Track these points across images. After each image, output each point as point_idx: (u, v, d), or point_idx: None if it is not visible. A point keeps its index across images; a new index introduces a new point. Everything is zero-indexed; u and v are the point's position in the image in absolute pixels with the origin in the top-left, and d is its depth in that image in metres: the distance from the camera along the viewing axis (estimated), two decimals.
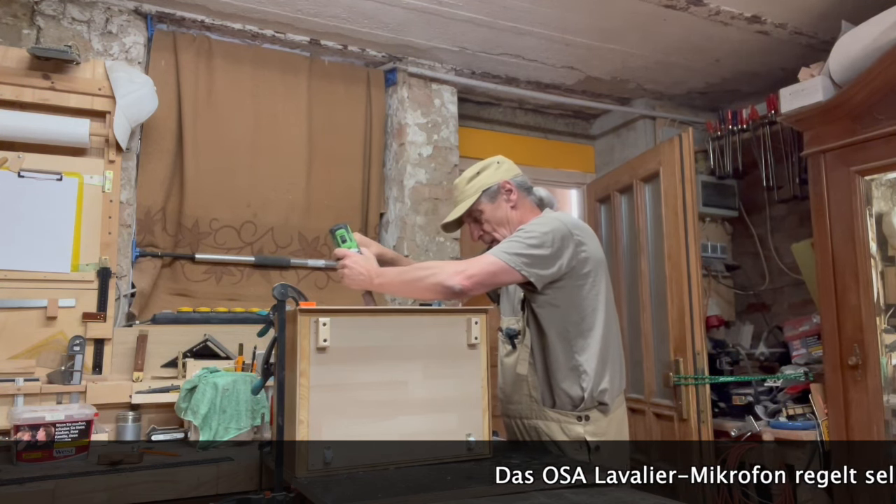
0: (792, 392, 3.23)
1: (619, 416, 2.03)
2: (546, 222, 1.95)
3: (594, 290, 1.98)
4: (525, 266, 1.85)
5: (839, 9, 3.08)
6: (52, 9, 2.82)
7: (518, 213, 2.07)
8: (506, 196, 2.06)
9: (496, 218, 2.06)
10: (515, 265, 1.85)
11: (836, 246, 2.96)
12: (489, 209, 2.06)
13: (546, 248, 1.87)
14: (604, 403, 1.96)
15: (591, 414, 1.95)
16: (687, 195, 3.28)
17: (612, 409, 1.99)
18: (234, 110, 3.21)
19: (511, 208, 2.06)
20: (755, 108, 3.88)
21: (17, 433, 2.10)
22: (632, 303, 3.70)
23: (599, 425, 1.96)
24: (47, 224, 2.69)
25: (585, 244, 1.95)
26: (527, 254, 1.86)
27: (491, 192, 2.06)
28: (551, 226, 1.92)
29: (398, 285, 1.92)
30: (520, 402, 2.03)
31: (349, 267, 1.90)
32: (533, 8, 3.06)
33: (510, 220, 2.06)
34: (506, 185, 2.07)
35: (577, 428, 1.94)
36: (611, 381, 1.98)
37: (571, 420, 1.95)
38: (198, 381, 2.40)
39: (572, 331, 1.95)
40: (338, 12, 3.08)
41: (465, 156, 3.73)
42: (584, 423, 1.94)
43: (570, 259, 1.91)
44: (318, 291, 3.33)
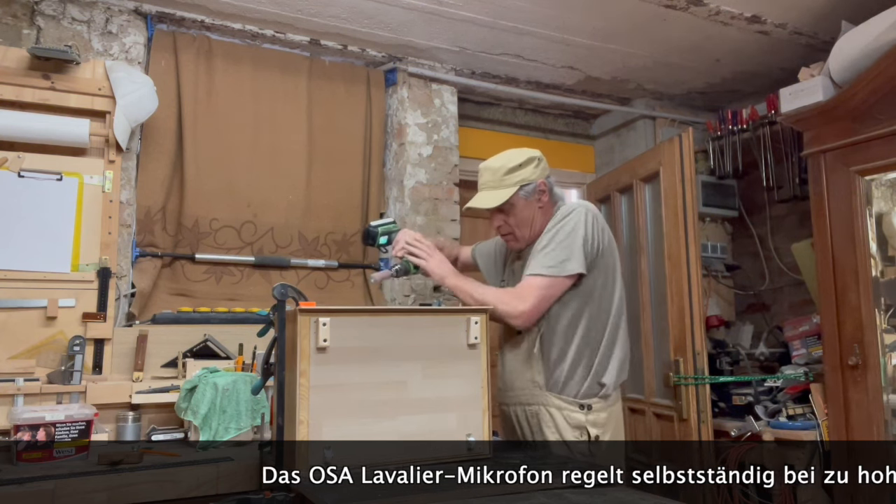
0: (792, 392, 3.23)
1: (617, 409, 2.06)
2: (569, 223, 1.98)
3: (609, 280, 2.02)
4: (569, 266, 1.93)
5: (839, 9, 3.08)
6: (52, 9, 2.82)
7: (541, 215, 2.08)
8: (538, 196, 2.06)
9: (523, 216, 2.06)
10: (561, 273, 1.93)
11: (836, 246, 2.96)
12: (521, 205, 2.05)
13: (576, 243, 1.95)
14: (606, 395, 1.98)
15: (594, 404, 1.97)
16: (687, 195, 3.28)
17: (612, 400, 2.02)
18: (234, 110, 3.21)
19: (539, 208, 2.07)
20: (755, 108, 3.88)
21: (17, 433, 2.10)
22: (632, 303, 3.69)
23: (600, 416, 1.99)
24: (47, 224, 2.69)
25: (604, 237, 2.02)
26: (563, 257, 1.93)
27: (529, 189, 2.05)
28: (573, 226, 1.97)
29: (466, 298, 2.01)
30: (522, 388, 2.04)
31: (436, 258, 2.08)
32: (533, 8, 3.06)
33: (533, 222, 2.07)
34: (542, 184, 2.07)
35: (579, 416, 1.96)
36: (616, 372, 2.01)
37: (574, 408, 1.96)
38: (198, 381, 2.40)
39: (583, 320, 1.98)
40: (338, 12, 3.08)
41: (465, 156, 3.73)
42: (585, 412, 1.97)
43: (598, 241, 1.99)
44: (318, 291, 3.32)
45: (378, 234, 2.24)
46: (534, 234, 2.07)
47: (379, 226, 2.26)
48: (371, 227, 2.26)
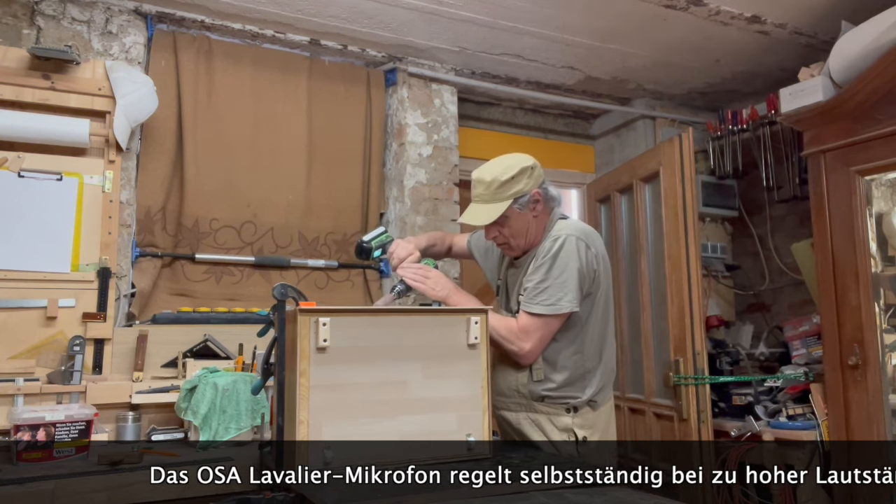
0: (792, 392, 3.23)
1: (607, 410, 2.07)
2: (563, 258, 1.96)
3: (599, 299, 2.03)
4: (564, 305, 1.94)
5: (839, 9, 3.08)
6: (52, 9, 2.82)
7: (536, 223, 2.06)
8: (533, 206, 2.04)
9: (518, 226, 2.04)
10: (557, 312, 1.94)
11: (836, 246, 2.96)
12: (515, 216, 2.02)
13: (572, 278, 1.95)
14: (593, 400, 2.01)
15: (580, 406, 1.99)
16: (687, 195, 3.28)
17: (600, 403, 2.03)
18: (234, 110, 3.21)
19: (534, 217, 2.05)
20: (755, 108, 3.88)
21: (17, 433, 2.10)
22: (632, 303, 3.70)
23: (587, 418, 2.00)
24: (47, 224, 2.69)
25: (597, 262, 2.01)
26: (559, 295, 1.94)
27: (523, 201, 2.02)
28: (566, 261, 1.96)
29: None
30: (509, 395, 2.06)
31: (432, 279, 2.05)
32: (533, 8, 3.06)
33: (528, 231, 2.05)
34: (536, 194, 2.04)
35: (566, 419, 1.97)
36: (602, 379, 2.03)
37: (560, 411, 1.98)
38: (198, 381, 2.40)
39: (570, 331, 1.99)
40: (338, 12, 3.08)
41: (465, 156, 3.73)
42: (572, 416, 1.98)
43: (592, 270, 2.00)
44: (318, 291, 3.33)
45: (372, 248, 2.24)
46: (529, 242, 2.07)
47: (371, 240, 2.25)
48: (363, 242, 2.25)
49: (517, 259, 2.13)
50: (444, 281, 2.08)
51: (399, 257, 2.15)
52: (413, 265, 2.12)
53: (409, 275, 2.08)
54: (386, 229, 2.31)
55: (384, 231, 2.32)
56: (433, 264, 2.17)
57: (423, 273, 2.08)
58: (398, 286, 2.09)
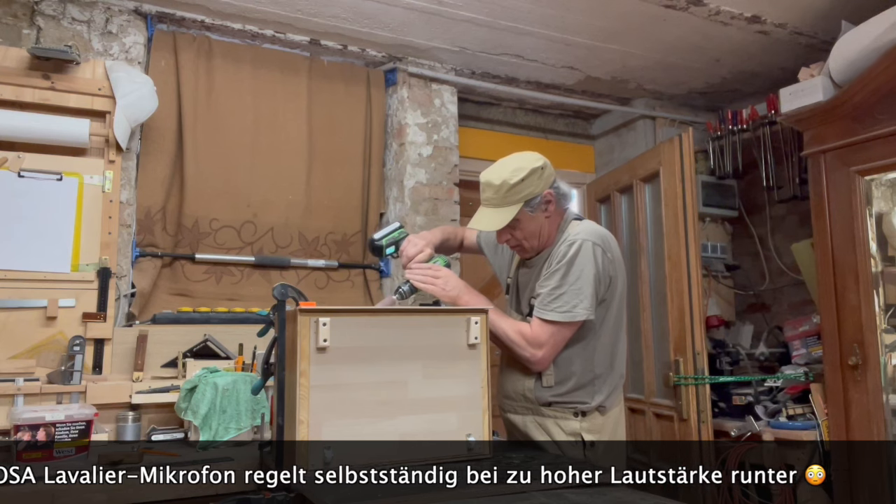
0: (792, 392, 3.23)
1: (615, 414, 2.04)
2: (579, 264, 1.92)
3: (613, 305, 2.00)
4: (579, 312, 1.90)
5: (839, 9, 3.08)
6: (52, 9, 2.82)
7: (549, 223, 2.01)
8: (544, 207, 1.97)
9: (531, 229, 1.98)
10: (572, 319, 1.90)
11: (836, 246, 2.96)
12: (527, 219, 1.96)
13: (587, 285, 1.91)
14: (602, 406, 1.97)
15: (589, 412, 1.96)
16: (687, 195, 3.28)
17: (609, 408, 2.00)
18: (234, 110, 3.21)
19: (546, 218, 1.99)
20: (755, 108, 3.88)
21: (17, 433, 2.10)
22: (632, 303, 3.69)
23: (595, 422, 1.97)
24: (47, 224, 2.69)
25: (614, 268, 1.97)
26: (574, 302, 1.89)
27: (534, 203, 1.95)
28: (582, 266, 1.92)
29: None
30: (515, 399, 2.04)
31: (442, 278, 2.00)
32: (533, 8, 3.06)
33: (541, 232, 2.00)
34: (548, 195, 1.97)
35: (574, 424, 1.95)
36: (611, 385, 2.00)
37: (568, 416, 1.96)
38: (198, 381, 2.40)
39: (582, 337, 1.96)
40: (338, 12, 3.08)
41: (465, 156, 3.73)
42: (580, 420, 1.95)
43: (607, 289, 1.97)
44: (318, 291, 3.33)
45: (384, 246, 2.15)
46: (543, 243, 2.02)
47: (383, 237, 2.16)
48: (375, 240, 2.16)
49: (529, 259, 2.09)
50: (454, 280, 2.01)
51: (408, 256, 2.08)
52: (422, 265, 2.05)
53: (416, 276, 2.02)
54: (401, 225, 2.20)
55: (399, 227, 2.21)
56: (444, 262, 2.10)
57: (432, 273, 2.02)
58: (402, 287, 2.03)
